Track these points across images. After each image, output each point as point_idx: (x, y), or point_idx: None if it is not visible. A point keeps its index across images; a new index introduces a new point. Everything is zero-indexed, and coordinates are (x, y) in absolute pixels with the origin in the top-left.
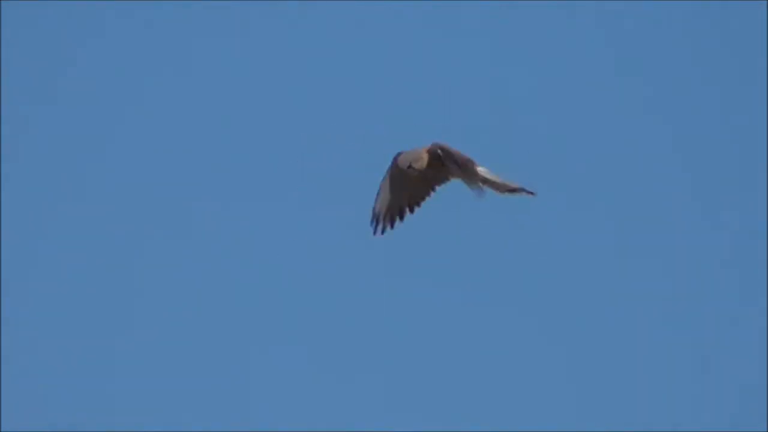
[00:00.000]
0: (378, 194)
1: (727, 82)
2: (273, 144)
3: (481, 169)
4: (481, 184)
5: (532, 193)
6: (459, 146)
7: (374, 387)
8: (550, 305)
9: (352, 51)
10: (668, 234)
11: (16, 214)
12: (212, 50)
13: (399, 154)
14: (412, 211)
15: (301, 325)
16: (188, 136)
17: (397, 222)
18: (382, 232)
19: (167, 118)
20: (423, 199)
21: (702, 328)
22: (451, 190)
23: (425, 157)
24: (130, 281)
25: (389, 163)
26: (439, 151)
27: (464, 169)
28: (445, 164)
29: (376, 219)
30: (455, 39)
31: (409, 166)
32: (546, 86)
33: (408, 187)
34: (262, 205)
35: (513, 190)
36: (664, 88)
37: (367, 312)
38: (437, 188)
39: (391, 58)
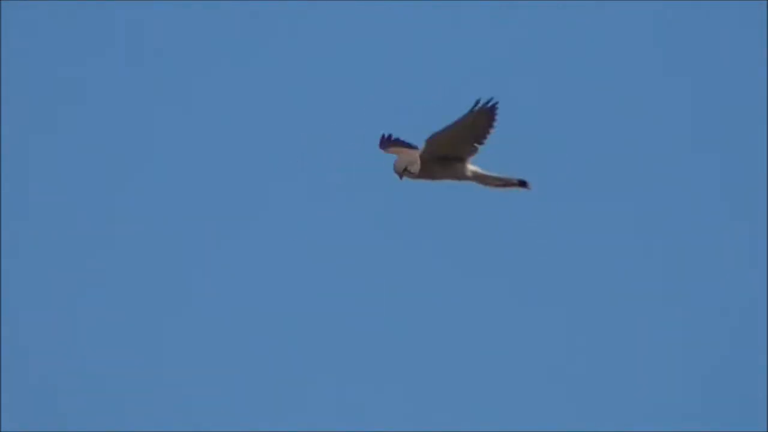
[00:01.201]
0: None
1: (727, 82)
2: (273, 144)
3: (471, 168)
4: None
5: (525, 184)
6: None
7: (374, 386)
8: (550, 305)
9: (352, 51)
10: (669, 233)
11: (16, 214)
12: (212, 50)
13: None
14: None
15: (301, 324)
16: (189, 136)
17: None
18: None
19: (168, 118)
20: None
21: (702, 327)
22: (449, 193)
23: (419, 161)
24: (130, 281)
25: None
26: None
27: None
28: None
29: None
30: (455, 39)
31: (405, 170)
32: (546, 86)
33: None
34: (261, 204)
35: (505, 184)
36: (662, 88)
37: (366, 312)
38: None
39: (391, 58)
